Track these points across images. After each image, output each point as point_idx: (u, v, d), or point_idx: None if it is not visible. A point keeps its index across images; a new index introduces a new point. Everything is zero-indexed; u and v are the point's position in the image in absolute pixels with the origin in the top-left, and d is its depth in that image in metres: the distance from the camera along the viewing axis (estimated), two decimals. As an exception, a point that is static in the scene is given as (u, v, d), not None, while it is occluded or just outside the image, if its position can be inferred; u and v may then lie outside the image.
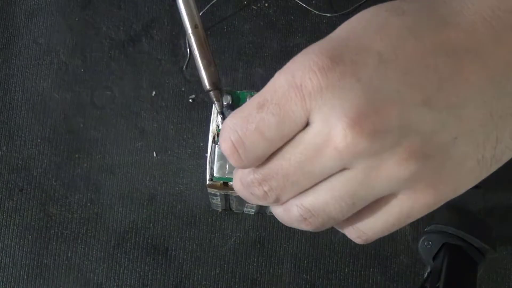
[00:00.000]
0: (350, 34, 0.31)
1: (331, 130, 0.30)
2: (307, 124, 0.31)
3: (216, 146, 0.47)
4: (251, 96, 0.48)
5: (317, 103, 0.30)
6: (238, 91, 0.48)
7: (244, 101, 0.48)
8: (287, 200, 0.34)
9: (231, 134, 0.32)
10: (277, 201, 0.34)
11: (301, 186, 0.33)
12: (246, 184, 0.34)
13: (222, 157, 0.47)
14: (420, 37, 0.31)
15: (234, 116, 0.32)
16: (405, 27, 0.31)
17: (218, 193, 0.50)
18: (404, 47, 0.30)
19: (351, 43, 0.31)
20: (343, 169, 0.32)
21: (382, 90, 0.30)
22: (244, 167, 0.33)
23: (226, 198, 0.52)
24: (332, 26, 0.60)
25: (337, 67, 0.30)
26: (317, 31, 0.60)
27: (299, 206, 0.34)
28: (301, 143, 0.31)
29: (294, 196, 0.34)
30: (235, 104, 0.46)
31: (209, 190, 0.48)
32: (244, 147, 0.32)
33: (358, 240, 0.35)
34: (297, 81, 0.30)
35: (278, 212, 0.35)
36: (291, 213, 0.34)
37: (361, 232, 0.34)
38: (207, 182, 0.47)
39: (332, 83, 0.30)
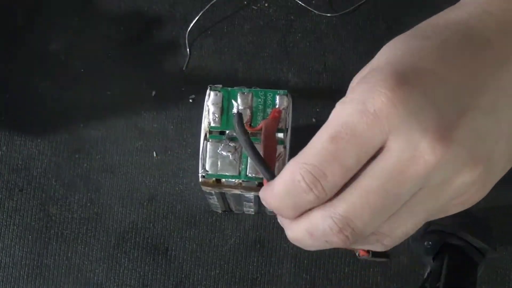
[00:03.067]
0: (394, 59, 0.33)
1: (416, 147, 0.31)
2: (381, 147, 0.32)
3: (208, 143, 0.47)
4: (243, 92, 0.48)
5: (394, 124, 0.31)
6: (229, 88, 0.48)
7: (235, 98, 0.48)
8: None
9: (309, 169, 0.32)
10: (356, 240, 0.33)
11: (385, 216, 0.33)
12: (319, 235, 0.34)
13: (214, 154, 0.47)
14: (459, 53, 0.33)
15: (306, 153, 0.32)
16: (441, 48, 0.33)
17: (213, 192, 0.50)
18: (451, 63, 0.32)
19: (403, 67, 0.32)
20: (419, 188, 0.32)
21: (448, 102, 0.31)
22: (321, 200, 0.33)
23: (223, 197, 0.52)
24: (332, 26, 0.60)
25: (405, 87, 0.31)
26: (317, 31, 0.60)
27: (377, 234, 0.34)
28: (385, 168, 0.32)
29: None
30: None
31: (204, 188, 0.48)
32: (326, 180, 0.32)
33: (382, 247, 0.36)
34: (369, 107, 0.31)
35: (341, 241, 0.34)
36: (365, 242, 0.34)
37: (390, 238, 0.35)
38: (200, 179, 0.47)
39: (404, 102, 0.31)
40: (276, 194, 0.34)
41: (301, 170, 0.32)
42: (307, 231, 0.34)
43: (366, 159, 0.32)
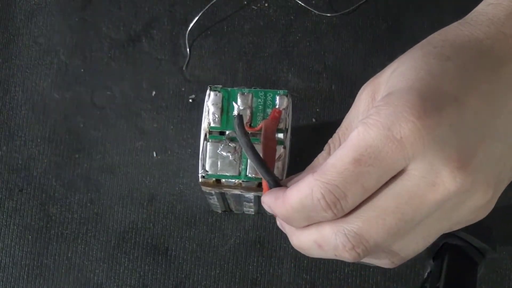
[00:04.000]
0: (418, 82, 0.33)
1: (437, 174, 0.32)
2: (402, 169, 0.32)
3: (208, 143, 0.47)
4: (243, 93, 0.48)
5: (418, 151, 0.32)
6: (229, 89, 0.48)
7: (235, 98, 0.48)
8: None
9: (331, 189, 0.33)
10: (366, 256, 0.34)
11: (398, 237, 0.34)
12: (330, 248, 0.35)
13: (214, 154, 0.47)
14: (477, 76, 0.34)
15: (327, 172, 0.33)
16: (461, 70, 0.33)
17: (213, 192, 0.50)
18: (471, 87, 0.33)
19: (428, 92, 0.32)
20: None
21: (468, 130, 0.32)
22: (337, 217, 0.34)
23: (223, 198, 0.52)
24: (332, 26, 0.60)
25: (431, 116, 0.32)
26: (317, 31, 0.60)
27: (387, 252, 0.35)
28: (404, 191, 0.32)
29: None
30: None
31: (204, 188, 0.48)
32: (346, 200, 0.33)
33: (391, 265, 0.36)
34: (395, 133, 0.32)
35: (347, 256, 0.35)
36: (374, 258, 0.35)
37: (400, 256, 0.36)
38: (200, 180, 0.47)
39: (430, 131, 0.31)
40: (289, 205, 0.35)
41: (322, 189, 0.33)
42: (315, 242, 0.35)
43: (386, 181, 0.33)
